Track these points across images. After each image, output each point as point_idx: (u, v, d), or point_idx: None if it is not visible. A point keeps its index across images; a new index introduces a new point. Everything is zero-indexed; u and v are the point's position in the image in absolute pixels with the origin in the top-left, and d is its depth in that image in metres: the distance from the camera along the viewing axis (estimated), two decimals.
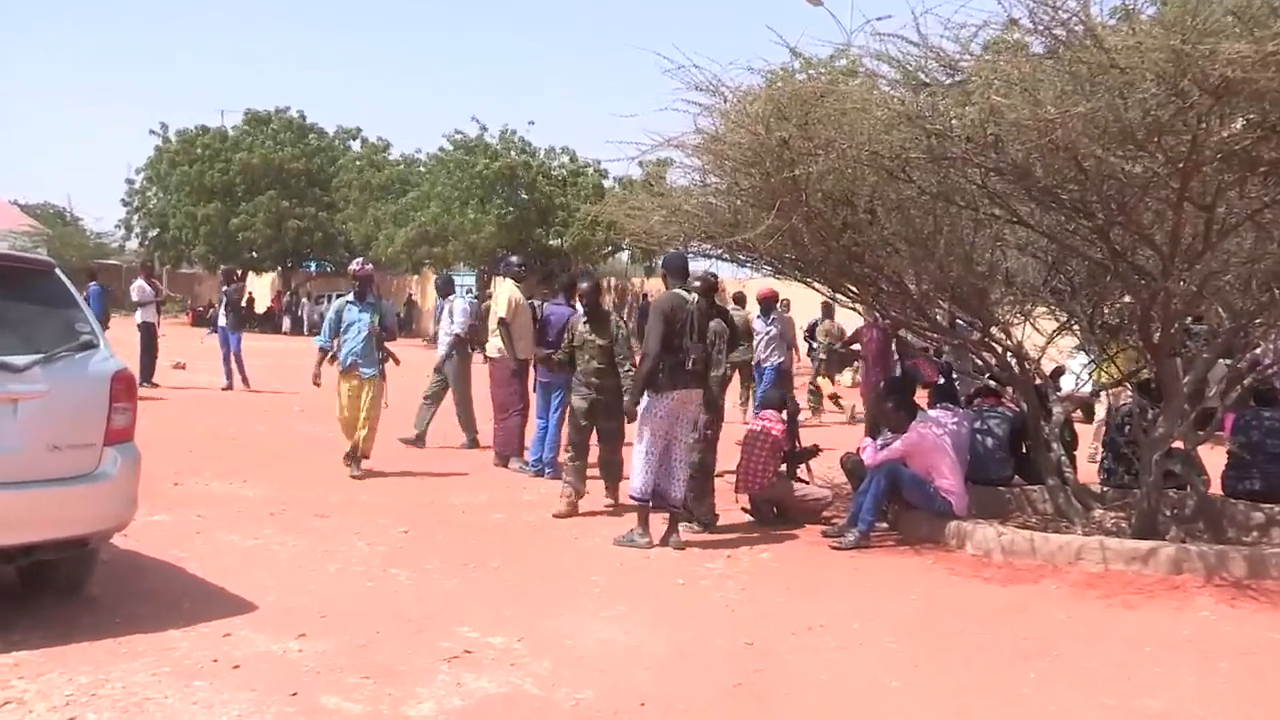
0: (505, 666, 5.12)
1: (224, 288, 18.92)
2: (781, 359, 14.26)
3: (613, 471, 9.08)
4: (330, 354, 10.17)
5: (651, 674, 5.12)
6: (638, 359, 7.93)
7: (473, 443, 11.91)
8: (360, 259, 10.66)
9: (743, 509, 8.89)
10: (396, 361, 10.66)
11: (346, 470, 10.08)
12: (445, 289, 12.68)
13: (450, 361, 11.98)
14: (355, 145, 46.40)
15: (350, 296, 10.20)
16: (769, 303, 14.60)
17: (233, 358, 17.87)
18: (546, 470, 10.25)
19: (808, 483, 9.30)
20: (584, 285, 9.14)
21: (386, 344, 10.25)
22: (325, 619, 5.73)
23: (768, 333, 14.30)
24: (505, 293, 10.79)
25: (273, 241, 43.85)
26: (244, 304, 26.38)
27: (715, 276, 11.18)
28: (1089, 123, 6.07)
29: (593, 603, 6.26)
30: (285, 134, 45.39)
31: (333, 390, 10.29)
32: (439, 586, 6.50)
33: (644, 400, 7.65)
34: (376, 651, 5.25)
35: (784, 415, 9.07)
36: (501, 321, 10.60)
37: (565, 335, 9.15)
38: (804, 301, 16.44)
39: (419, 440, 11.83)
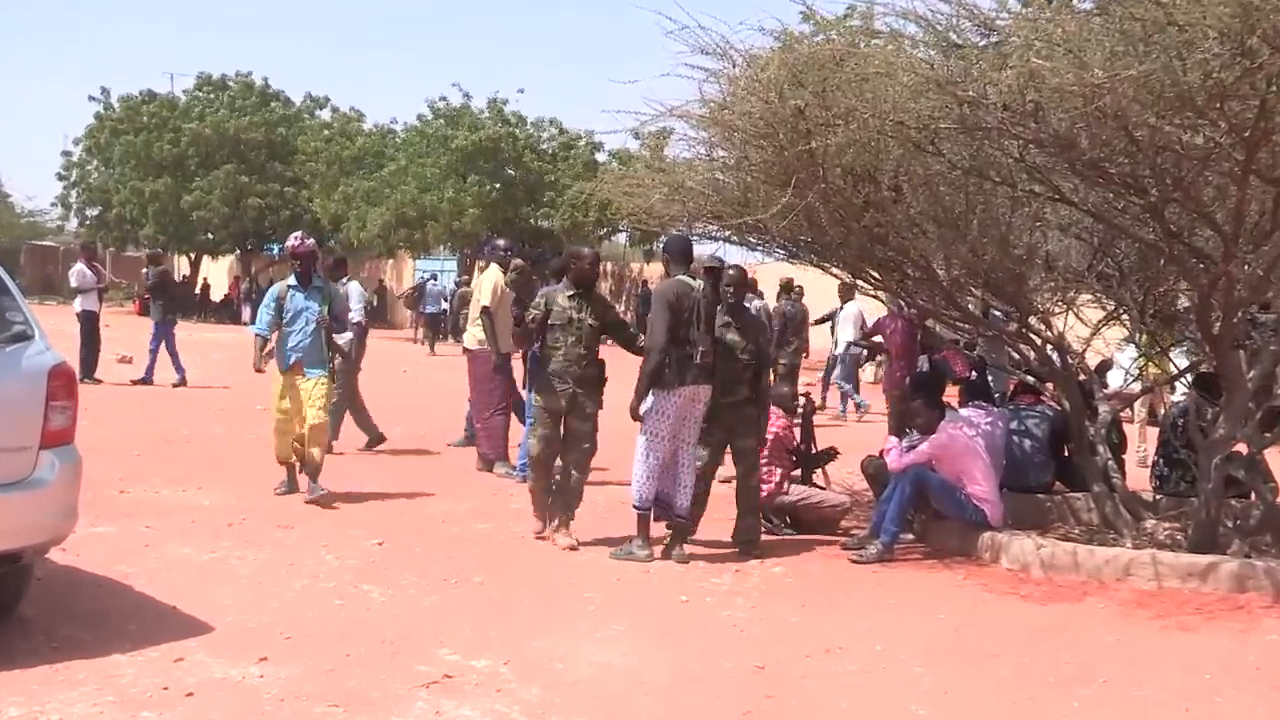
0: (490, 693, 5.11)
1: (143, 270, 18.74)
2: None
3: (570, 498, 8.09)
4: (269, 347, 9.39)
5: (652, 701, 5.11)
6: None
7: (373, 442, 11.93)
8: (299, 233, 9.59)
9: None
10: (344, 356, 10.54)
11: (297, 494, 9.95)
12: (336, 271, 12.24)
13: (349, 352, 11.79)
14: (324, 115, 46.32)
15: (292, 280, 9.33)
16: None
17: (166, 349, 17.49)
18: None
19: (824, 488, 9.30)
20: (585, 251, 8.32)
21: (335, 336, 9.71)
22: (290, 641, 5.72)
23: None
24: (491, 279, 10.78)
25: (230, 221, 43.64)
26: (176, 288, 25.97)
27: (722, 262, 11.22)
28: (1142, 87, 6.05)
29: (587, 622, 6.25)
30: (244, 101, 45.30)
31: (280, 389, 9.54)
32: (416, 604, 6.49)
33: (648, 400, 7.64)
34: (347, 676, 5.24)
35: (799, 413, 9.07)
36: (485, 310, 10.59)
37: (534, 308, 8.15)
38: (821, 288, 16.41)
39: (371, 442, 11.92)
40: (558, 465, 8.13)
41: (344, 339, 11.85)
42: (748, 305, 9.47)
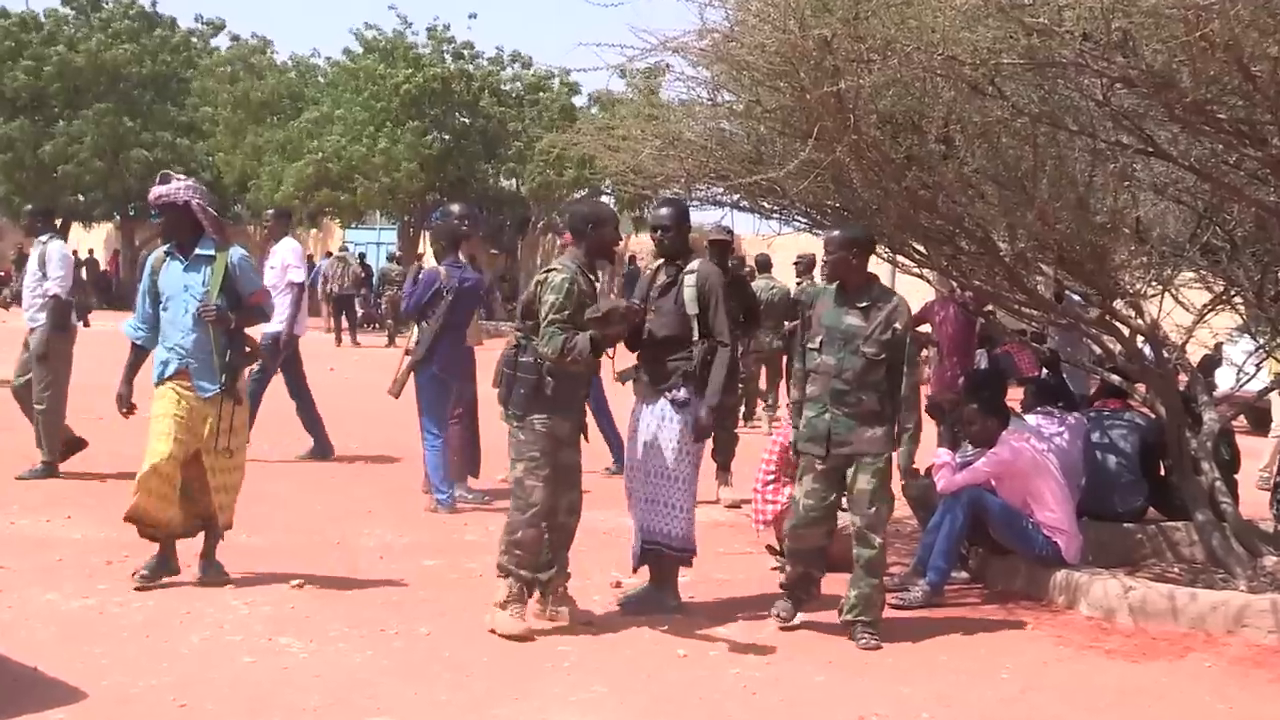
0: None
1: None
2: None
3: (566, 556, 7.51)
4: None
5: None
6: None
7: (48, 470, 11.14)
8: (166, 175, 7.98)
9: (767, 548, 8.91)
10: (267, 360, 10.37)
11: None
12: (33, 226, 11.82)
13: (38, 335, 11.24)
14: (222, 45, 46.15)
15: (167, 245, 7.92)
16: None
17: None
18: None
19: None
20: (606, 209, 7.72)
21: (244, 330, 7.90)
22: (184, 710, 5.72)
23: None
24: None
25: (107, 178, 43.27)
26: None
27: (731, 233, 11.25)
28: (1261, 10, 6.07)
29: (560, 683, 6.27)
30: (121, 24, 44.95)
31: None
32: (346, 661, 6.50)
33: (674, 413, 7.56)
34: None
35: None
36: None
37: (562, 296, 7.00)
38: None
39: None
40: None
41: (271, 332, 11.89)
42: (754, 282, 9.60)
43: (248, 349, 7.94)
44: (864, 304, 7.26)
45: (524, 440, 7.10)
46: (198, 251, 7.73)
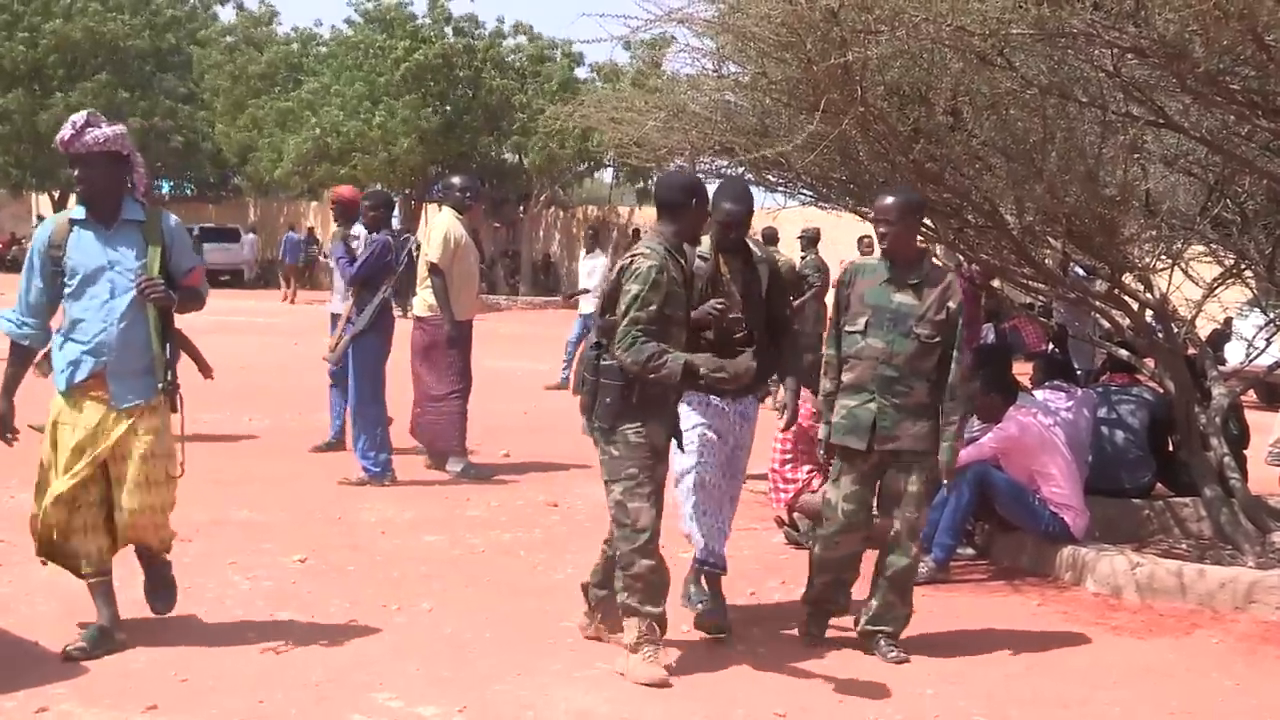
0: None
1: None
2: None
3: (657, 589, 6.25)
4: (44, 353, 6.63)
5: None
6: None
7: None
8: (79, 117, 6.19)
9: (777, 520, 8.92)
10: (204, 370, 9.70)
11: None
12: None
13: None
14: (225, 15, 46.11)
15: (78, 211, 6.22)
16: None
17: None
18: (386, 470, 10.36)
19: None
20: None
21: (175, 320, 6.33)
22: (185, 685, 5.73)
23: None
24: (442, 228, 10.76)
25: None
26: None
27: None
28: None
29: (564, 659, 6.28)
30: None
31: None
32: (348, 637, 6.51)
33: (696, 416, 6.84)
34: None
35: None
36: (434, 268, 10.58)
37: (647, 287, 5.99)
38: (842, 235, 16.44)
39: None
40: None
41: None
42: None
43: (173, 352, 6.32)
44: (915, 281, 6.58)
45: (617, 456, 6.07)
46: (124, 217, 6.14)
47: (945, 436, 6.55)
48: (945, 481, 7.12)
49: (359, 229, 11.20)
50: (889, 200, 6.69)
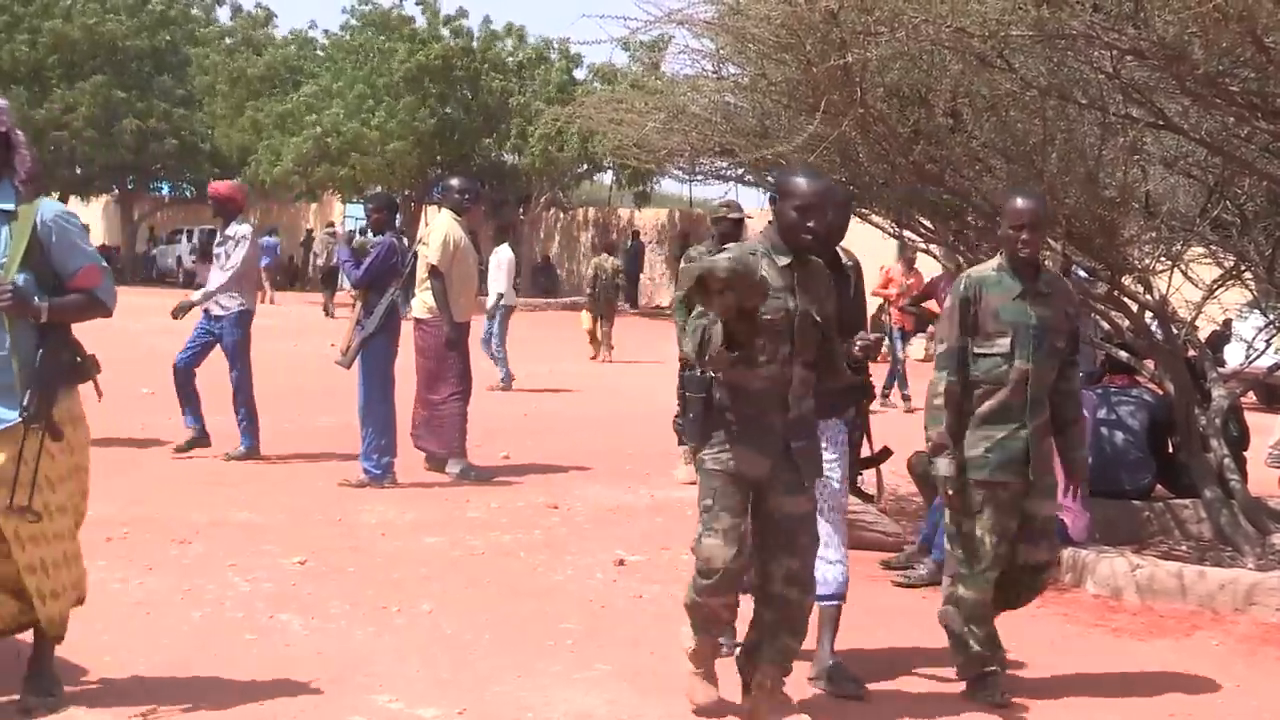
0: None
1: None
2: None
3: (785, 640, 5.50)
4: None
5: None
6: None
7: None
8: None
9: None
10: (95, 388, 9.60)
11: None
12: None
13: None
14: (223, 17, 46.14)
15: None
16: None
17: None
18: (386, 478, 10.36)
19: (875, 500, 9.28)
20: (805, 180, 5.48)
21: (67, 327, 5.46)
22: (186, 686, 5.73)
23: None
24: (441, 230, 10.77)
25: (101, 149, 43.25)
26: None
27: (740, 209, 11.23)
28: None
29: (563, 660, 6.28)
30: None
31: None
32: (348, 638, 6.52)
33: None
34: None
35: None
36: (434, 270, 10.59)
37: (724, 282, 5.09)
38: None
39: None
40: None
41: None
42: None
43: (78, 359, 5.51)
44: (1046, 291, 6.00)
45: (700, 482, 5.45)
46: None
47: (1077, 444, 6.23)
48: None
49: (236, 228, 11.21)
50: (1029, 203, 6.00)
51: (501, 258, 18.74)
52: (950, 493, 6.03)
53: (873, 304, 14.87)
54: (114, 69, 43.64)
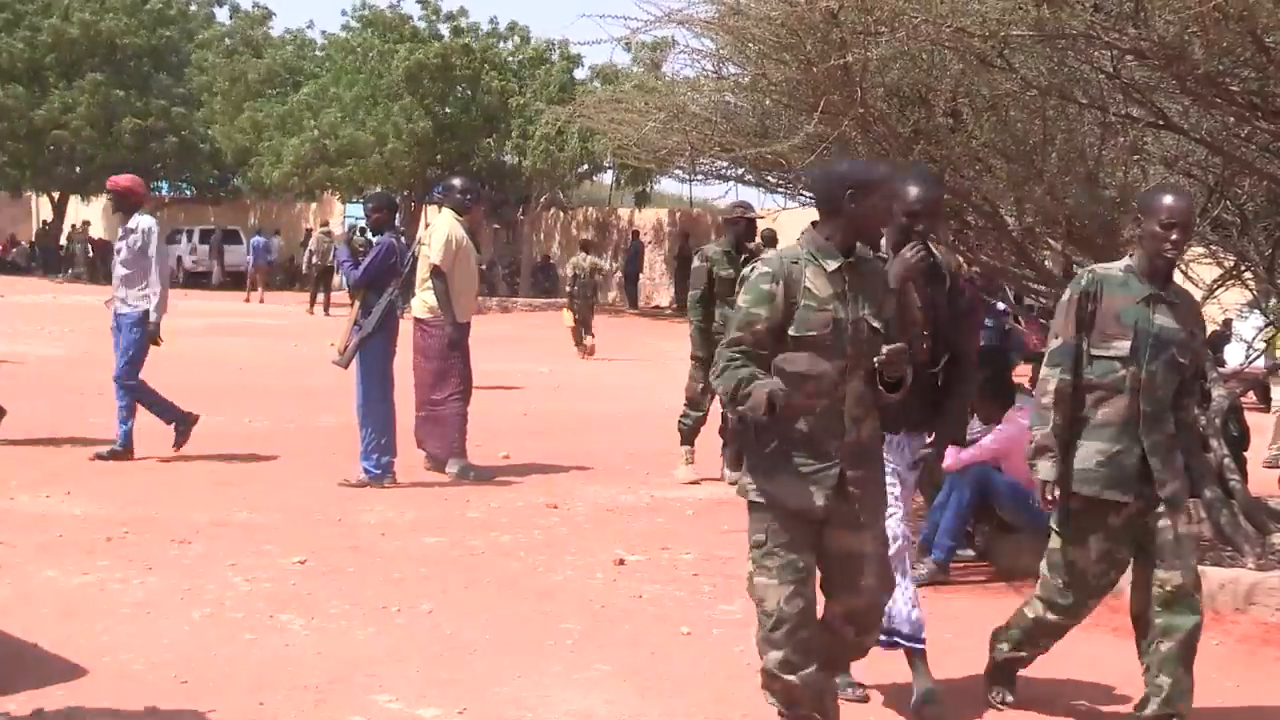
0: None
1: None
2: None
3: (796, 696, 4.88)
4: None
5: None
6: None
7: None
8: None
9: None
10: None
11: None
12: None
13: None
14: (222, 16, 46.11)
15: None
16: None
17: None
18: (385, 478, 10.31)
19: None
20: (881, 171, 5.08)
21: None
22: (185, 686, 5.73)
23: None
24: (443, 230, 10.77)
25: (100, 148, 43.18)
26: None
27: (750, 208, 11.23)
28: None
29: (563, 660, 6.28)
30: None
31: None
32: (348, 638, 6.52)
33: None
34: None
35: None
36: (436, 270, 10.58)
37: (753, 301, 4.75)
38: None
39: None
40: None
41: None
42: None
43: None
44: (1175, 300, 5.53)
45: (750, 516, 4.88)
46: None
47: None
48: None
49: (140, 220, 11.15)
50: (1180, 201, 5.49)
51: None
52: (1049, 498, 5.52)
53: None
54: (113, 68, 43.60)
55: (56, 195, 48.75)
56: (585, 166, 36.11)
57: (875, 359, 4.78)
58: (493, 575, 7.85)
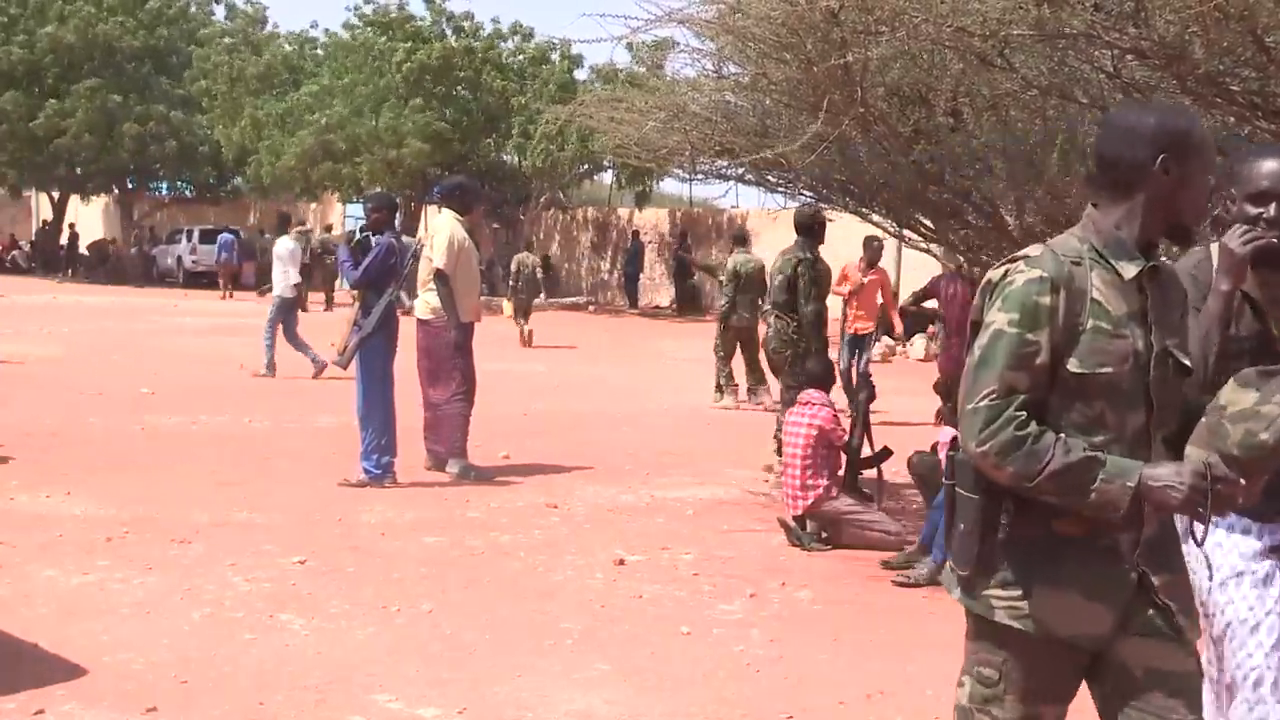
0: None
1: None
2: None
3: None
4: None
5: None
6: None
7: None
8: None
9: (780, 522, 8.91)
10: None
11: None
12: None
13: None
14: (220, 16, 46.09)
15: None
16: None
17: None
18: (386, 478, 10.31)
19: (870, 497, 9.30)
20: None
21: None
22: (185, 686, 5.74)
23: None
24: (445, 230, 10.77)
25: (100, 152, 43.22)
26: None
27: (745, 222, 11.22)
28: None
29: (563, 660, 6.29)
30: None
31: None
32: (348, 638, 6.53)
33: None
34: None
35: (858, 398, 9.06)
36: (439, 273, 10.57)
37: (1023, 320, 3.17)
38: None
39: None
40: None
41: None
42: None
43: None
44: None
45: (973, 636, 3.62)
46: None
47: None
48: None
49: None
50: None
51: (285, 249, 19.00)
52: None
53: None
54: (111, 71, 43.59)
55: (56, 195, 48.75)
56: (585, 166, 36.09)
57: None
58: (493, 575, 7.85)
